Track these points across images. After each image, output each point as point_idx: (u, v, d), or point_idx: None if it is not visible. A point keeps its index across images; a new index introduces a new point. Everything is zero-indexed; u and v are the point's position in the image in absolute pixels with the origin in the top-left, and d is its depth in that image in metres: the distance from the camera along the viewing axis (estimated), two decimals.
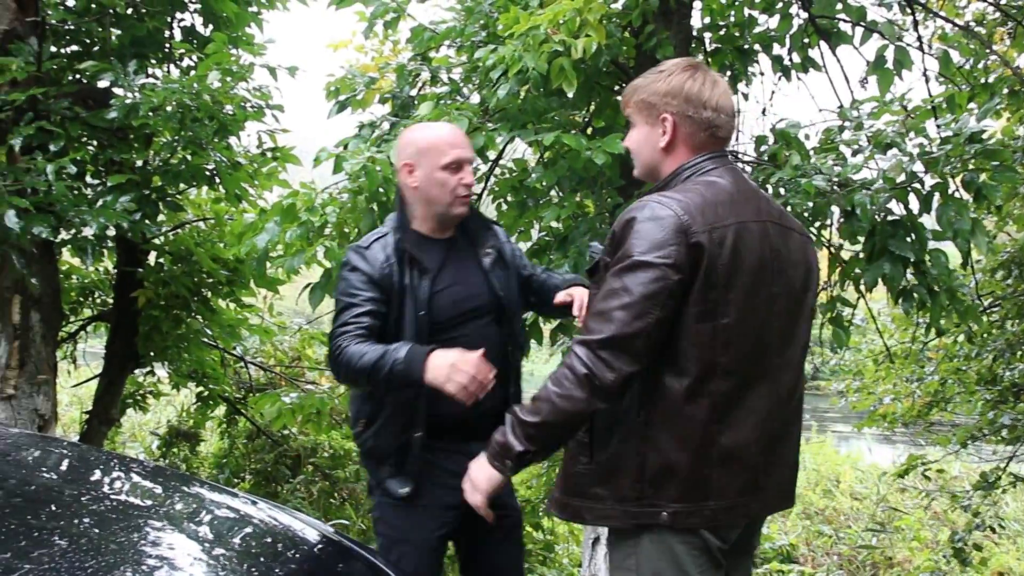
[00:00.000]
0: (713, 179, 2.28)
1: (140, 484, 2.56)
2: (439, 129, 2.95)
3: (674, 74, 2.34)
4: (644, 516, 2.20)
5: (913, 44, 5.10)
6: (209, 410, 7.38)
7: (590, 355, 2.10)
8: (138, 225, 5.06)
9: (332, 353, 2.71)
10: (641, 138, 2.41)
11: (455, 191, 2.83)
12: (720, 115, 2.33)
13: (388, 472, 2.84)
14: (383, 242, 2.84)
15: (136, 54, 5.47)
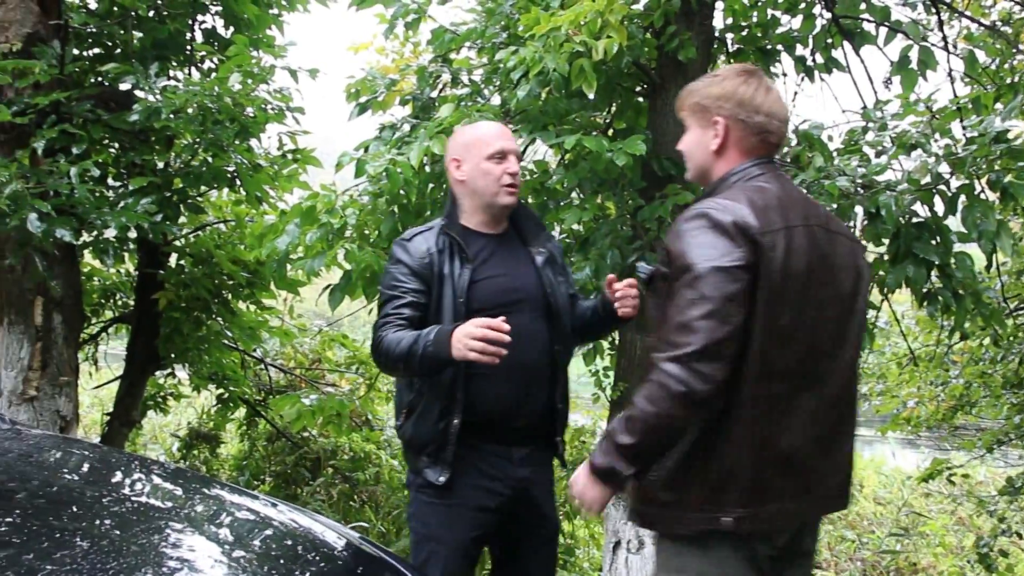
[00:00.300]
0: (761, 184, 2.31)
1: (161, 486, 2.57)
2: (483, 125, 3.08)
3: (728, 78, 2.40)
4: (707, 522, 2.21)
5: (938, 44, 5.06)
6: (229, 412, 7.39)
7: (684, 370, 2.09)
8: (159, 227, 5.08)
9: (373, 343, 2.81)
10: (694, 141, 2.45)
11: (500, 180, 2.91)
12: (772, 120, 2.37)
13: (426, 461, 2.88)
14: (426, 235, 2.94)
15: (158, 56, 5.50)
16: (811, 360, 2.25)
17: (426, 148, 3.94)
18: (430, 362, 2.69)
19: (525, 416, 2.90)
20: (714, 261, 2.12)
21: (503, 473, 2.90)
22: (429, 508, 2.89)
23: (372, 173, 4.09)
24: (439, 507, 2.87)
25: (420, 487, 2.91)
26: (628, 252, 4.24)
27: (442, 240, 2.91)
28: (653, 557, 4.35)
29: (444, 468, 2.84)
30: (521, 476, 2.92)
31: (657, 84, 4.58)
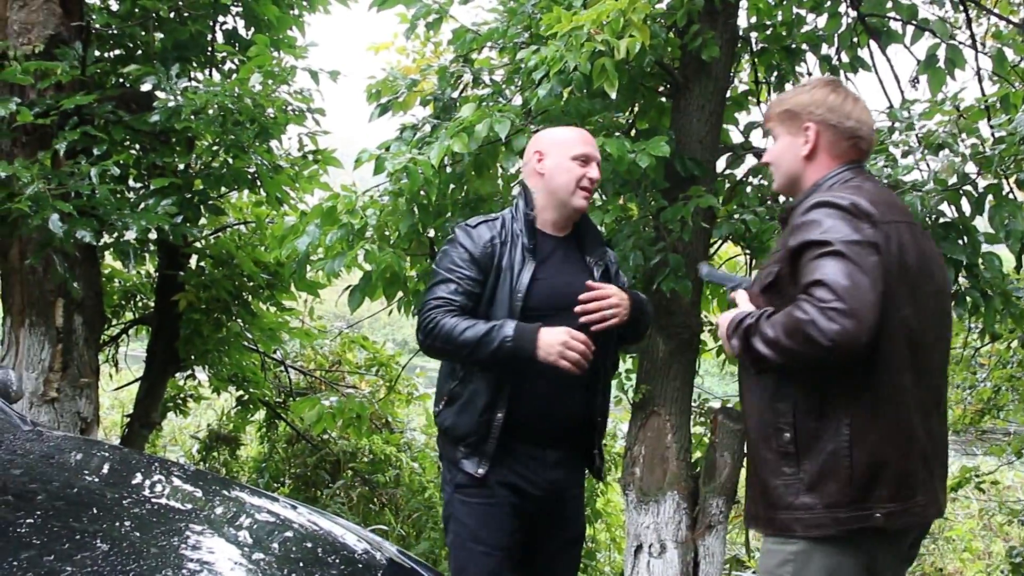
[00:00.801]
0: (859, 184, 2.33)
1: (181, 488, 2.58)
2: (572, 130, 3.11)
3: (816, 87, 2.45)
4: (856, 520, 2.19)
5: (966, 42, 5.01)
6: (249, 414, 7.42)
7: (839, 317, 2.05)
8: (179, 228, 5.10)
9: (424, 325, 2.79)
10: (783, 148, 2.48)
11: (580, 181, 2.92)
12: (862, 127, 2.41)
13: (464, 452, 2.87)
14: (491, 224, 2.94)
15: (179, 57, 5.52)
16: (922, 354, 2.27)
17: (447, 147, 3.93)
18: (505, 355, 2.70)
19: (562, 420, 2.91)
20: (849, 236, 2.13)
21: (536, 475, 2.90)
22: (467, 508, 2.88)
23: (392, 170, 4.08)
24: (477, 507, 2.86)
25: (458, 486, 2.89)
26: (651, 254, 4.22)
27: (507, 232, 2.91)
28: (675, 561, 4.35)
29: (483, 460, 2.84)
30: (554, 479, 2.92)
31: (680, 84, 4.55)
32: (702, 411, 5.23)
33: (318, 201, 4.57)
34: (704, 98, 4.54)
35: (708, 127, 4.55)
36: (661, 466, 4.48)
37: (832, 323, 2.04)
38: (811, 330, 2.06)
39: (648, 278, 4.30)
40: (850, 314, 2.04)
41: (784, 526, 2.27)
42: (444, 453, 2.97)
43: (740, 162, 5.02)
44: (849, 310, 2.04)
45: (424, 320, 2.80)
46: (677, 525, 4.40)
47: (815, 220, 2.19)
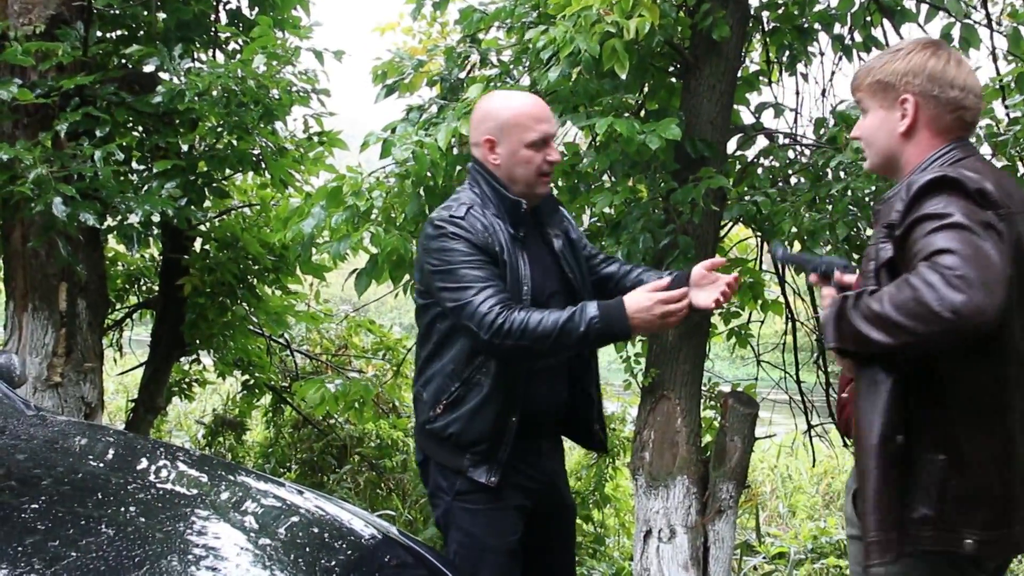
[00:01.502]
0: (973, 164, 2.09)
1: (186, 473, 2.58)
2: (520, 100, 2.83)
3: (914, 52, 2.16)
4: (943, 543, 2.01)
5: (981, 22, 4.97)
6: (255, 399, 7.42)
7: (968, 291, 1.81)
8: (184, 211, 5.09)
9: (490, 326, 2.53)
10: (875, 124, 2.20)
11: (540, 169, 2.75)
12: (968, 95, 2.13)
13: (472, 460, 2.71)
14: (472, 211, 2.73)
15: (182, 38, 5.50)
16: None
17: (454, 129, 3.91)
18: (595, 337, 2.53)
19: (559, 410, 2.85)
20: (973, 214, 1.90)
21: (536, 468, 2.84)
22: (472, 516, 2.74)
23: (397, 155, 4.07)
24: (483, 512, 2.74)
25: (460, 494, 2.75)
26: (661, 236, 4.20)
27: (488, 218, 2.72)
28: (684, 547, 4.35)
29: (495, 468, 2.69)
30: (550, 468, 2.89)
31: (691, 64, 4.53)
32: (712, 395, 5.22)
33: (323, 183, 4.57)
34: (715, 78, 4.51)
35: (719, 108, 4.52)
36: (671, 450, 4.48)
37: (957, 292, 1.80)
38: (930, 299, 1.82)
39: (658, 260, 4.28)
40: (979, 285, 1.80)
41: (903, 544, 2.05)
42: (443, 462, 2.78)
43: (751, 143, 5.00)
44: (978, 280, 1.80)
45: (487, 321, 2.54)
46: (687, 510, 4.40)
47: (929, 198, 1.96)
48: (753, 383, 5.32)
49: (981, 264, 1.83)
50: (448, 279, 2.64)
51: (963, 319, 1.81)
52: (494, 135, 2.76)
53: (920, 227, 1.94)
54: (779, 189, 4.54)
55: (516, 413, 2.69)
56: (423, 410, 2.80)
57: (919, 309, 1.84)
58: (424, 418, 2.79)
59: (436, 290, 2.68)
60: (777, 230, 4.21)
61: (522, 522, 2.82)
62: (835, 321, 2.02)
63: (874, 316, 1.93)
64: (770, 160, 4.86)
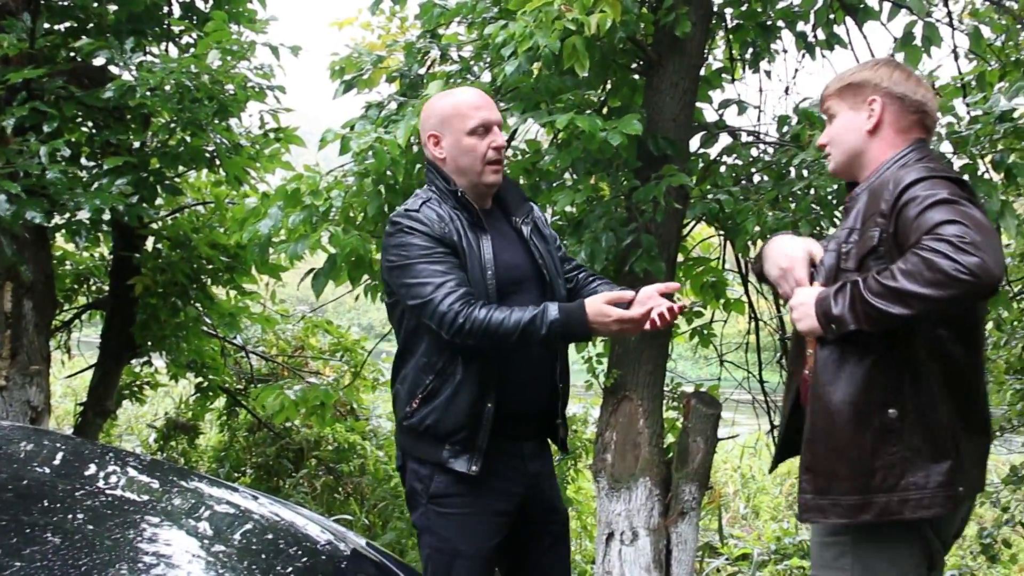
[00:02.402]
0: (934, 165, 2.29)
1: (136, 479, 2.54)
2: (459, 93, 2.86)
3: (879, 64, 2.42)
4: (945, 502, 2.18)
5: (942, 20, 5.04)
6: (208, 402, 7.36)
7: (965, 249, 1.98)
8: (135, 209, 5.04)
9: (451, 322, 2.55)
10: (843, 124, 2.41)
11: (485, 157, 2.75)
12: (928, 101, 2.37)
13: (452, 451, 2.69)
14: (429, 204, 2.74)
15: (133, 31, 5.44)
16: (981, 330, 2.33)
17: (414, 126, 3.89)
18: (555, 338, 2.59)
19: (539, 407, 2.83)
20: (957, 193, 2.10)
21: (517, 471, 2.80)
22: (445, 519, 2.72)
23: (357, 150, 4.04)
24: (456, 517, 2.71)
25: (433, 497, 2.72)
26: (623, 235, 4.21)
27: (445, 211, 2.72)
28: (647, 549, 4.37)
29: (476, 456, 2.68)
30: (533, 472, 2.84)
31: (653, 61, 4.54)
32: (675, 396, 5.25)
33: (280, 181, 4.53)
34: (677, 75, 4.53)
35: (681, 105, 4.54)
36: (633, 452, 4.49)
37: (969, 255, 1.97)
38: (945, 265, 1.98)
39: (620, 259, 4.29)
40: (986, 247, 1.98)
41: (888, 510, 2.19)
42: (423, 456, 2.75)
43: (714, 141, 5.02)
44: (984, 243, 1.98)
45: (447, 321, 2.56)
46: (649, 512, 4.42)
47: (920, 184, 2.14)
48: (716, 383, 5.35)
49: (982, 229, 2.01)
50: (407, 275, 2.65)
51: (979, 279, 1.97)
52: (437, 130, 2.79)
53: (912, 208, 2.11)
54: (742, 187, 4.57)
55: (491, 399, 2.69)
56: (400, 407, 2.81)
57: (935, 276, 1.99)
58: (402, 415, 2.79)
59: (397, 287, 2.70)
60: (740, 229, 4.24)
61: (503, 528, 2.78)
62: (851, 304, 2.15)
63: (889, 291, 2.07)
64: (733, 158, 4.89)
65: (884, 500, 2.18)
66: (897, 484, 2.17)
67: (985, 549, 6.74)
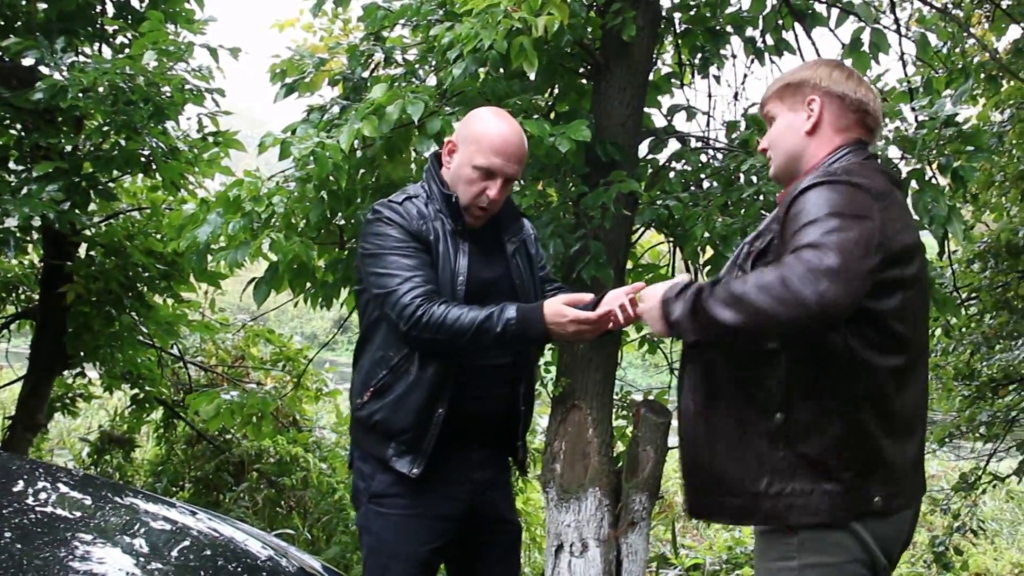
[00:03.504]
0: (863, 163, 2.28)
1: (68, 495, 2.50)
2: (498, 127, 2.80)
3: (819, 64, 2.40)
4: (856, 505, 2.15)
5: (890, 27, 5.15)
6: (145, 414, 7.27)
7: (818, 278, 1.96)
8: (67, 215, 4.96)
9: (410, 316, 2.59)
10: (782, 127, 2.39)
11: (476, 198, 2.76)
12: (869, 101, 2.34)
13: (396, 450, 2.72)
14: (414, 200, 2.79)
15: (64, 30, 5.36)
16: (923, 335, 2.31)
17: (357, 131, 3.88)
18: (510, 339, 2.59)
19: (492, 417, 2.84)
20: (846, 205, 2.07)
21: (463, 476, 2.81)
22: (383, 520, 2.75)
23: (298, 155, 4.02)
24: (395, 518, 2.74)
25: (373, 496, 2.76)
26: (571, 241, 4.23)
27: (431, 210, 2.77)
28: (597, 561, 4.39)
29: (419, 459, 2.70)
30: (481, 479, 2.85)
31: (601, 65, 4.58)
32: (624, 404, 5.28)
33: (220, 186, 4.49)
34: (626, 80, 4.57)
35: (630, 110, 4.59)
36: (582, 462, 4.51)
37: (819, 283, 1.95)
38: (795, 285, 1.97)
39: (568, 266, 4.32)
40: (839, 278, 1.96)
41: (775, 514, 2.19)
42: (368, 450, 2.80)
43: (663, 146, 5.07)
44: (839, 273, 1.96)
45: (407, 313, 2.60)
46: (599, 523, 4.44)
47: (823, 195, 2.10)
48: (666, 391, 5.39)
49: (845, 257, 1.97)
50: (377, 264, 2.70)
51: (821, 309, 1.96)
52: (458, 140, 2.81)
53: (794, 221, 2.09)
54: (691, 193, 4.62)
55: (443, 405, 2.70)
56: (354, 396, 2.84)
57: (783, 293, 1.98)
58: (354, 404, 2.83)
59: (366, 275, 2.74)
60: (689, 235, 4.28)
61: (444, 534, 2.79)
62: (691, 310, 2.14)
63: (732, 297, 2.05)
64: (682, 164, 4.94)
65: (769, 505, 2.18)
66: (783, 490, 2.16)
67: (938, 557, 6.87)
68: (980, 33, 7.00)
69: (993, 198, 7.28)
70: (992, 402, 7.07)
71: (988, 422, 6.88)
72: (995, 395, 7.10)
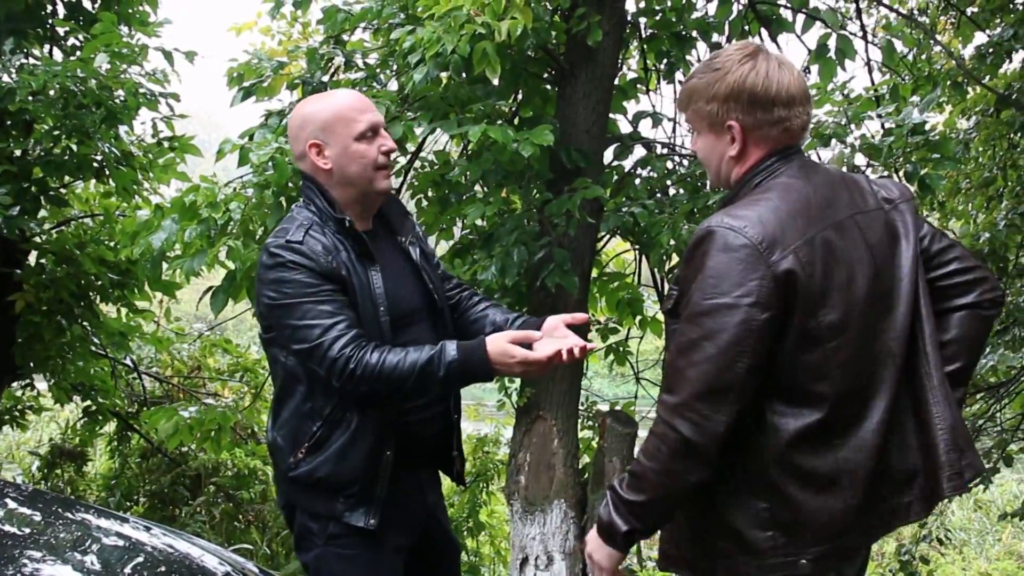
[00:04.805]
0: (786, 181, 2.18)
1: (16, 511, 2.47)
2: (338, 96, 2.73)
3: (731, 70, 2.19)
4: (782, 568, 2.10)
5: (856, 33, 5.21)
6: (97, 426, 7.20)
7: (680, 420, 2.01)
8: (16, 221, 4.91)
9: (341, 368, 2.45)
10: (708, 147, 2.30)
11: (375, 161, 2.63)
12: (793, 108, 2.20)
13: (346, 504, 2.59)
14: (312, 232, 2.58)
15: (13, 31, 5.31)
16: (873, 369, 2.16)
17: None
18: (455, 380, 2.52)
19: (432, 434, 2.78)
20: (722, 296, 2.01)
21: (416, 503, 2.77)
22: (348, 562, 2.62)
23: (257, 161, 4.00)
24: (360, 558, 2.63)
25: (333, 537, 2.62)
26: (535, 249, 4.24)
27: (329, 239, 2.57)
28: (562, 573, 4.39)
29: (374, 509, 2.59)
30: (430, 502, 2.83)
31: (565, 70, 4.60)
32: (590, 415, 5.29)
33: (176, 192, 4.46)
34: (590, 86, 4.59)
35: (595, 116, 4.61)
36: (547, 473, 4.52)
37: (679, 427, 2.00)
38: (667, 437, 2.02)
39: (533, 274, 4.33)
40: (691, 416, 2.00)
41: (706, 572, 2.19)
42: (313, 509, 2.64)
43: (628, 153, 5.10)
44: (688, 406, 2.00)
45: (337, 368, 2.45)
46: (564, 535, 4.45)
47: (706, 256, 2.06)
48: (632, 401, 5.42)
49: (714, 387, 1.99)
50: (291, 315, 2.52)
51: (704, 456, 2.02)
52: (319, 138, 2.63)
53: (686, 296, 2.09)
54: (657, 200, 4.65)
55: (390, 446, 2.61)
56: (282, 457, 2.65)
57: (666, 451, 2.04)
58: (285, 466, 2.65)
59: (279, 327, 2.56)
60: (655, 242, 4.31)
61: (402, 562, 2.74)
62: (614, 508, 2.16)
63: (634, 480, 2.10)
64: (648, 170, 4.98)
65: (707, 564, 2.18)
66: (715, 548, 2.16)
67: (904, 566, 6.93)
68: (946, 40, 7.11)
69: (959, 205, 7.39)
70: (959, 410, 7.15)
71: None
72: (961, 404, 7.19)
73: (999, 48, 5.97)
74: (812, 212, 2.13)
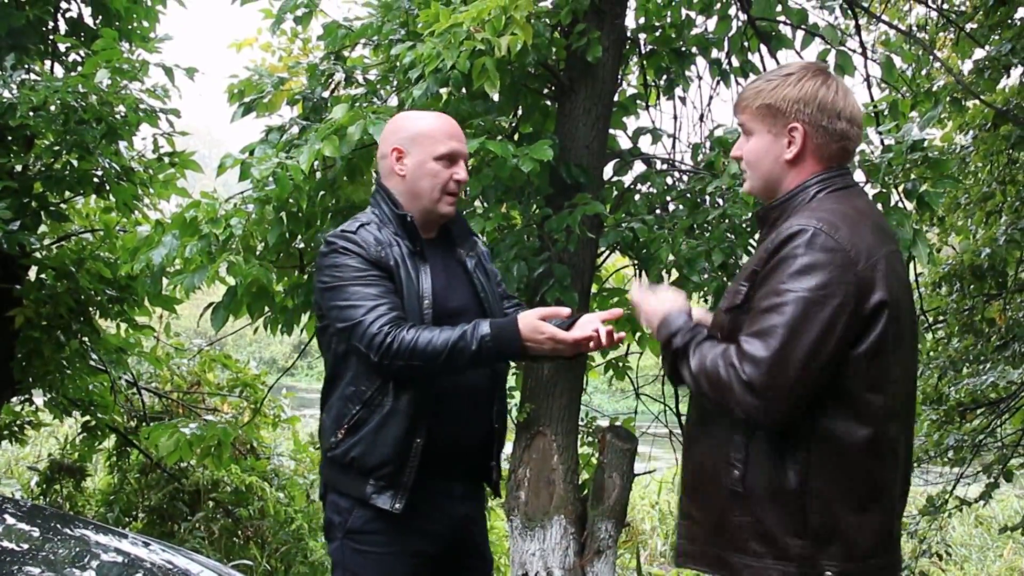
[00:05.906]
0: (851, 197, 2.24)
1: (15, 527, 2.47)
2: (436, 117, 2.89)
3: (805, 79, 2.25)
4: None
5: (855, 49, 5.23)
6: (96, 442, 7.18)
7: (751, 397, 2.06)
8: (16, 236, 4.91)
9: (379, 345, 2.56)
10: (761, 148, 2.30)
11: (446, 186, 2.77)
12: (854, 127, 2.26)
13: (376, 486, 2.67)
14: (368, 227, 2.75)
15: (14, 47, 5.33)
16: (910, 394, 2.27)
17: (317, 151, 3.88)
18: (487, 357, 2.59)
19: (473, 444, 2.81)
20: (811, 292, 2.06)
21: (444, 512, 2.78)
22: (361, 557, 2.69)
23: (258, 176, 4.01)
24: (373, 555, 2.69)
25: (351, 532, 2.70)
26: (535, 264, 4.25)
27: (386, 235, 2.74)
28: None
29: (401, 493, 2.66)
30: (461, 514, 2.83)
31: (565, 86, 4.61)
32: (590, 430, 5.28)
33: (176, 208, 4.47)
34: (590, 101, 4.60)
35: (595, 132, 4.62)
36: (547, 489, 4.51)
37: (745, 398, 2.06)
38: (727, 394, 2.08)
39: (533, 289, 4.33)
40: (766, 394, 2.04)
41: (733, 569, 2.19)
42: (345, 490, 2.74)
43: (628, 168, 5.12)
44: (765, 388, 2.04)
45: (376, 342, 2.56)
46: (564, 551, 4.43)
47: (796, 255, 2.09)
48: (632, 416, 5.41)
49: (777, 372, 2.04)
50: (338, 296, 2.66)
51: (751, 419, 2.09)
52: (403, 145, 2.79)
53: (763, 290, 2.12)
54: (656, 216, 4.65)
55: (421, 435, 2.67)
56: (325, 437, 2.79)
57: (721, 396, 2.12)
58: (326, 445, 2.77)
59: (328, 309, 2.70)
60: (655, 257, 4.31)
61: (422, 571, 2.76)
62: (667, 360, 2.28)
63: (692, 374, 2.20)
64: (647, 186, 4.98)
65: (735, 560, 2.19)
66: (745, 547, 2.17)
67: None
68: (945, 56, 7.14)
69: (959, 220, 7.41)
70: (960, 426, 7.15)
71: (955, 446, 6.96)
72: (963, 419, 7.19)
73: (997, 63, 6.00)
74: (879, 231, 2.19)
